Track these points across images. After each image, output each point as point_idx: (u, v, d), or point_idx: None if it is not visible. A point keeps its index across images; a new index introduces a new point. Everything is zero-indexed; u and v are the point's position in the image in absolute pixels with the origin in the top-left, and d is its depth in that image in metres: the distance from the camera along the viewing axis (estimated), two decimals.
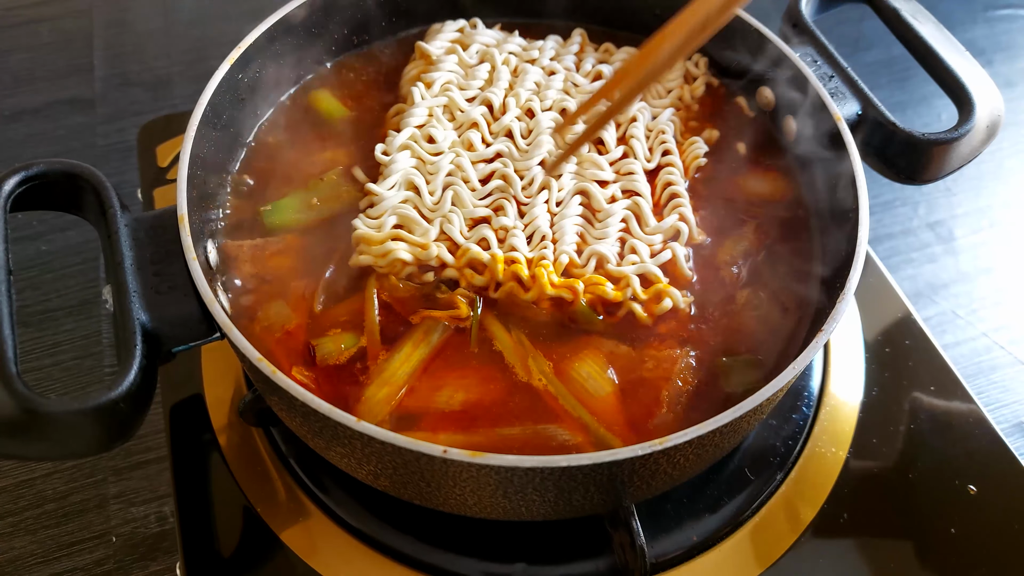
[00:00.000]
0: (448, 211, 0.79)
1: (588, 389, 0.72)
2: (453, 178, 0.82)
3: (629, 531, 0.69)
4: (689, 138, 0.90)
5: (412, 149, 0.84)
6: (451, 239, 0.78)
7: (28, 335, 0.99)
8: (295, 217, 0.82)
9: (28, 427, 0.58)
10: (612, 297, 0.76)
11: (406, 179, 0.81)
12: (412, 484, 0.67)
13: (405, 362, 0.73)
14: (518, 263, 0.76)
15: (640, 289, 0.77)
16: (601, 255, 0.78)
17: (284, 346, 0.74)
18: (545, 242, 0.79)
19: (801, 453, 0.85)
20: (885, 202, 1.19)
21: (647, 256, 0.79)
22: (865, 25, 1.32)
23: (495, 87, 0.89)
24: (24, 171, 0.69)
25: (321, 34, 0.94)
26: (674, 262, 0.79)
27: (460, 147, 0.84)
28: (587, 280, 0.77)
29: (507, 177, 0.82)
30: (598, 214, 0.82)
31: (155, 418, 0.86)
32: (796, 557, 0.78)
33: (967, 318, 1.06)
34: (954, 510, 0.81)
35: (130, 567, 0.83)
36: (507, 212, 0.80)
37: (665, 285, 0.77)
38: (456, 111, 0.88)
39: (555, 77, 0.92)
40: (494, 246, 0.78)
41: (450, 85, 0.90)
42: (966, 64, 0.88)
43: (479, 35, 0.96)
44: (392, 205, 0.79)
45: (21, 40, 1.35)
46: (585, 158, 0.85)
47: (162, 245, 0.70)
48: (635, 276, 0.77)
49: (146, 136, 1.09)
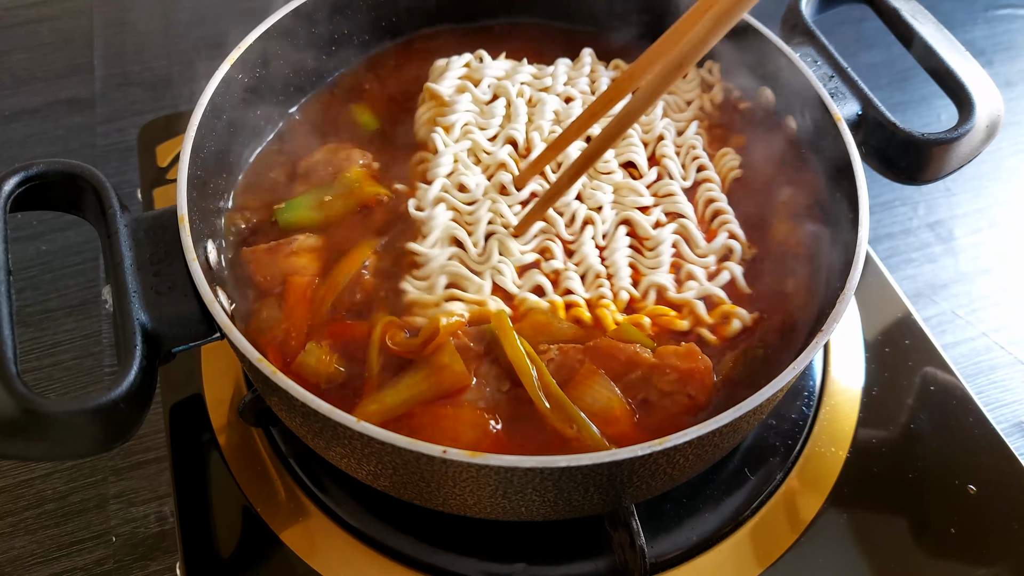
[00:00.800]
0: (497, 262, 0.78)
1: (595, 412, 0.69)
2: (494, 226, 0.81)
3: (629, 531, 0.69)
4: (719, 149, 0.90)
5: (447, 201, 0.82)
6: (504, 290, 0.77)
7: (28, 335, 0.99)
8: (309, 215, 0.82)
9: (28, 427, 0.58)
10: (679, 327, 0.75)
11: (448, 234, 0.80)
12: (412, 484, 0.67)
13: (407, 391, 0.70)
14: (579, 306, 0.75)
15: (706, 314, 0.76)
16: (660, 285, 0.78)
17: (281, 347, 0.74)
18: (600, 279, 0.78)
19: (801, 453, 0.85)
20: (885, 202, 1.19)
21: (704, 279, 0.78)
22: (865, 25, 1.32)
23: (515, 123, 0.88)
24: (24, 171, 0.69)
25: (321, 34, 0.94)
26: (733, 283, 0.79)
27: (493, 191, 0.83)
28: (651, 312, 0.76)
29: (547, 218, 0.81)
30: (646, 242, 0.81)
31: (155, 418, 0.86)
32: (796, 557, 0.78)
33: (967, 318, 1.06)
34: (954, 510, 0.81)
35: (130, 567, 0.83)
36: (555, 254, 0.79)
37: (731, 307, 0.76)
38: (481, 153, 0.86)
39: (573, 104, 0.91)
40: (550, 291, 0.77)
41: (470, 127, 0.88)
42: (966, 64, 0.88)
43: (488, 68, 0.94)
44: (440, 264, 0.78)
45: (21, 40, 1.35)
46: (622, 185, 0.84)
47: (162, 245, 0.70)
48: (698, 301, 0.76)
49: (146, 136, 1.09)
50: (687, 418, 0.70)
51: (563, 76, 0.94)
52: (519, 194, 0.83)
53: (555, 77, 0.94)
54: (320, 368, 0.71)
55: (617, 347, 0.72)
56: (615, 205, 0.83)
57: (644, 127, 0.90)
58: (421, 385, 0.70)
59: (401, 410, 0.69)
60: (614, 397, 0.70)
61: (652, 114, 0.90)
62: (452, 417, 0.69)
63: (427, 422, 0.69)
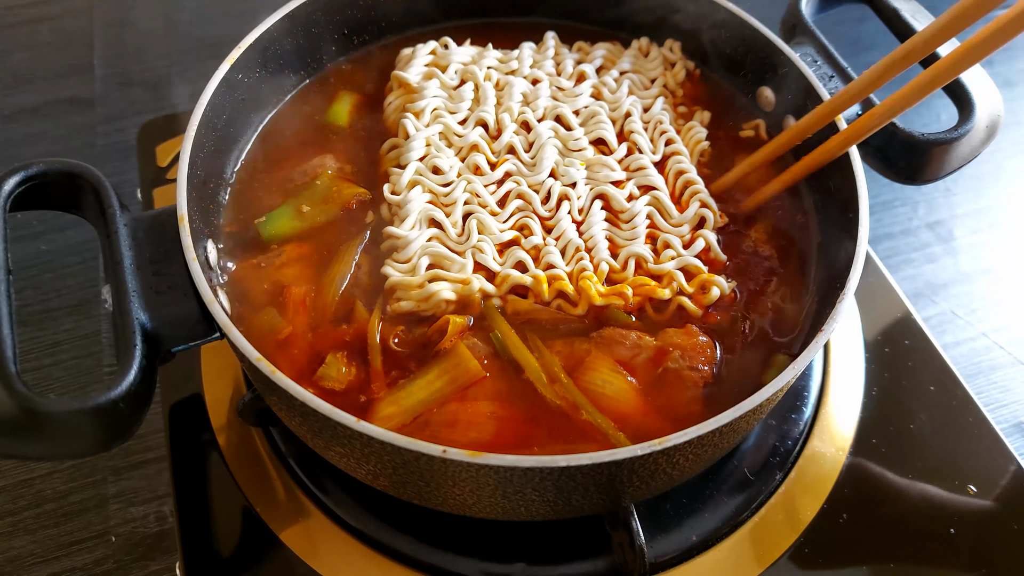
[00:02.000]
0: (477, 241, 0.78)
1: (608, 394, 0.71)
2: (472, 206, 0.81)
3: (628, 531, 0.69)
4: (685, 123, 0.91)
5: (422, 184, 0.82)
6: (486, 268, 0.77)
7: (28, 335, 0.99)
8: (290, 225, 0.81)
9: (27, 427, 0.58)
10: (661, 295, 0.77)
11: (426, 216, 0.80)
12: (411, 484, 0.67)
13: (423, 390, 0.71)
14: (561, 279, 0.76)
15: (686, 283, 0.78)
16: (639, 255, 0.79)
17: (283, 354, 0.74)
18: (580, 253, 0.79)
19: (801, 453, 0.85)
20: (885, 202, 1.19)
21: (680, 247, 0.80)
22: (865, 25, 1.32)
23: (485, 106, 0.89)
24: (24, 171, 0.69)
25: (323, 35, 0.94)
26: (708, 249, 0.80)
27: (468, 172, 0.84)
28: (633, 283, 0.77)
29: (524, 195, 0.82)
30: (621, 215, 0.82)
31: (155, 418, 0.86)
32: (796, 557, 0.78)
33: (967, 318, 1.06)
34: (954, 510, 0.81)
35: (129, 567, 0.83)
36: (534, 230, 0.80)
37: (709, 275, 0.78)
38: (453, 136, 0.87)
39: (540, 85, 0.91)
40: (532, 267, 0.77)
41: (440, 112, 0.88)
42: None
43: (454, 54, 0.94)
44: (421, 245, 0.78)
45: (21, 40, 1.35)
46: (594, 161, 0.85)
47: (161, 245, 0.70)
48: (678, 271, 0.78)
49: (146, 136, 1.09)
50: (695, 392, 0.72)
51: (529, 59, 0.95)
52: (493, 174, 0.84)
53: (521, 60, 0.95)
54: (342, 377, 0.72)
55: (621, 334, 0.74)
56: (589, 181, 0.84)
57: (612, 105, 0.91)
58: (436, 383, 0.71)
59: (419, 410, 0.70)
60: (622, 378, 0.72)
61: (618, 92, 0.92)
62: (470, 412, 0.70)
63: (445, 420, 0.69)
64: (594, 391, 0.71)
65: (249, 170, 0.87)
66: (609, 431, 0.69)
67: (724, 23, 0.92)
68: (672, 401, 0.71)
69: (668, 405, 0.71)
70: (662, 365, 0.73)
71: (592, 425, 0.69)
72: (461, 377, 0.71)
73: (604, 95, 0.92)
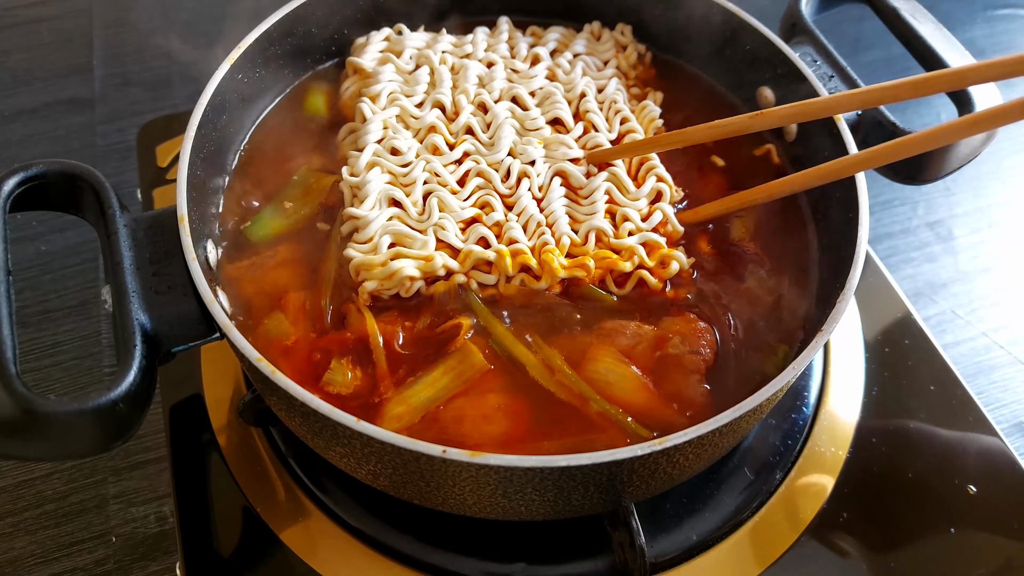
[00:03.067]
0: (439, 218, 0.79)
1: (612, 382, 0.71)
2: (432, 185, 0.81)
3: (629, 530, 0.69)
4: (639, 103, 0.92)
5: (381, 165, 0.82)
6: (449, 245, 0.78)
7: (28, 335, 0.99)
8: (278, 224, 0.82)
9: (27, 427, 0.58)
10: (622, 268, 0.77)
11: (385, 196, 0.80)
12: (411, 484, 0.67)
13: (430, 387, 0.71)
14: (524, 253, 0.77)
15: (646, 256, 0.78)
16: (599, 228, 0.79)
17: (288, 360, 0.73)
18: (541, 228, 0.79)
19: (801, 453, 0.85)
20: (885, 202, 1.19)
21: (639, 220, 0.81)
22: (865, 25, 1.32)
23: (441, 88, 0.89)
24: (23, 171, 0.68)
25: (323, 35, 0.94)
26: (666, 222, 0.81)
27: (426, 153, 0.84)
28: (595, 256, 0.78)
29: (483, 173, 0.83)
30: (580, 191, 0.83)
31: (155, 418, 0.86)
32: (796, 557, 0.78)
33: (967, 318, 1.06)
34: (954, 510, 0.81)
35: (130, 567, 0.83)
36: (495, 207, 0.80)
37: (669, 249, 0.79)
38: (410, 119, 0.87)
39: (495, 68, 0.92)
40: (495, 243, 0.78)
41: (396, 95, 0.88)
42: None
43: (408, 39, 0.95)
44: (382, 224, 0.78)
45: (20, 40, 1.35)
46: (551, 139, 0.85)
47: (161, 245, 0.70)
48: (639, 245, 0.78)
49: (146, 136, 1.09)
50: (699, 375, 0.72)
51: (483, 43, 0.95)
52: (452, 153, 0.84)
53: (475, 44, 0.95)
54: (347, 382, 0.72)
55: (621, 324, 0.75)
56: (547, 159, 0.85)
57: (566, 86, 0.91)
58: (442, 380, 0.71)
59: (428, 408, 0.70)
60: (625, 366, 0.72)
61: (572, 74, 0.92)
62: (478, 406, 0.70)
63: (453, 415, 0.70)
64: (599, 380, 0.72)
65: (249, 169, 0.87)
66: (619, 419, 0.69)
67: (724, 23, 0.92)
68: (676, 385, 0.72)
69: (673, 390, 0.72)
70: (663, 351, 0.73)
71: (602, 415, 0.70)
72: (467, 372, 0.72)
73: (559, 76, 0.93)
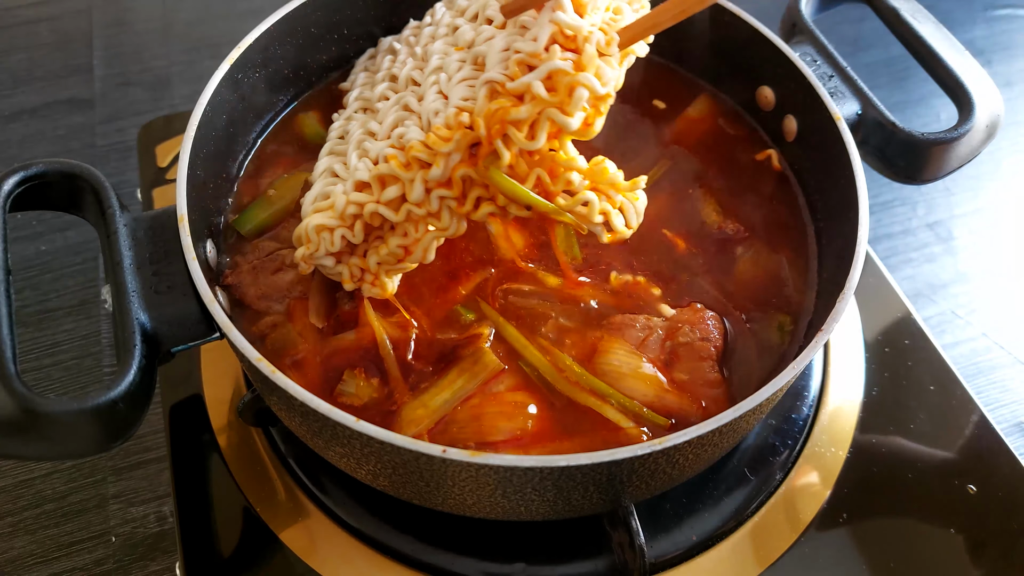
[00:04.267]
0: (356, 160, 0.71)
1: (627, 374, 0.72)
2: (362, 135, 0.75)
3: (628, 531, 0.69)
4: None
5: (332, 153, 0.79)
6: (365, 183, 0.69)
7: (27, 335, 0.99)
8: (267, 211, 0.82)
9: (27, 427, 0.58)
10: (518, 116, 0.63)
11: (327, 168, 0.76)
12: (411, 484, 0.67)
13: (446, 388, 0.71)
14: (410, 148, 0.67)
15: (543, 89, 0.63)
16: (492, 80, 0.65)
17: (296, 377, 0.72)
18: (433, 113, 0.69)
19: (801, 453, 0.85)
20: (884, 202, 1.19)
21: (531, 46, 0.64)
22: (865, 25, 1.32)
23: (395, 66, 0.82)
24: (23, 171, 0.69)
25: (323, 34, 0.94)
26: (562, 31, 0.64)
27: (363, 115, 0.80)
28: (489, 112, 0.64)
29: (402, 100, 0.74)
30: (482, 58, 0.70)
31: (154, 418, 0.86)
32: (796, 557, 0.78)
33: (967, 318, 1.06)
34: (954, 510, 0.81)
35: (129, 567, 0.83)
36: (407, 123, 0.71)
37: (574, 74, 0.62)
38: (372, 104, 0.80)
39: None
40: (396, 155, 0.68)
41: (361, 96, 0.83)
42: (966, 64, 0.88)
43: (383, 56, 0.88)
44: (312, 195, 0.73)
45: (20, 40, 1.35)
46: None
47: (161, 245, 0.70)
48: (536, 81, 0.63)
49: (146, 136, 1.09)
50: (712, 362, 0.73)
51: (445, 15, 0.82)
52: (386, 103, 0.77)
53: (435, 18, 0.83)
54: (360, 392, 0.72)
55: (631, 318, 0.75)
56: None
57: None
58: (457, 381, 0.71)
59: (445, 410, 0.70)
60: (638, 358, 0.72)
61: None
62: (496, 403, 0.71)
63: (471, 414, 0.70)
64: (612, 372, 0.72)
65: (249, 169, 0.87)
66: (636, 409, 0.70)
67: (724, 23, 0.92)
68: (690, 372, 0.73)
69: (686, 378, 0.72)
70: (673, 341, 0.74)
71: (620, 407, 0.70)
72: (481, 372, 0.72)
73: None
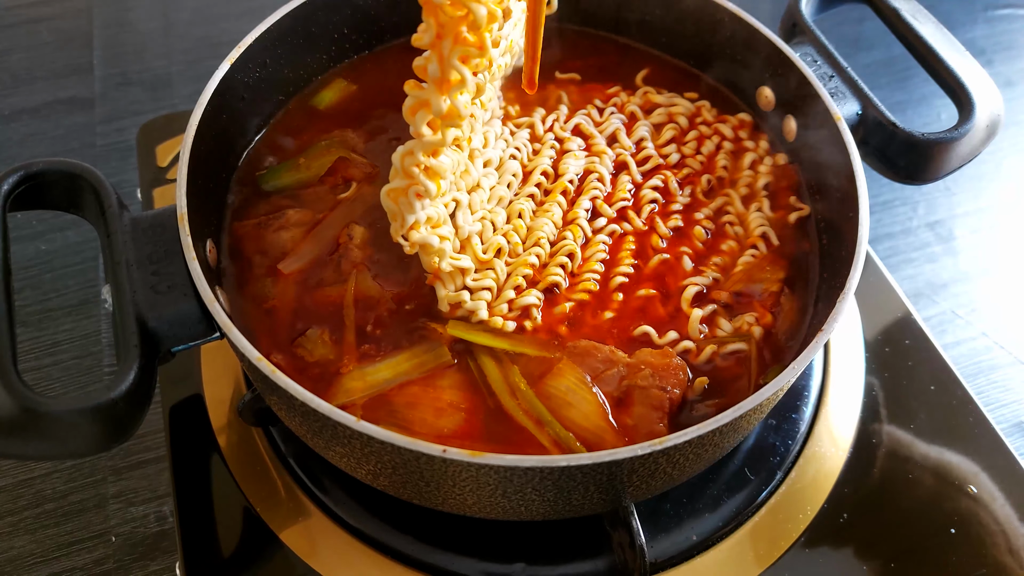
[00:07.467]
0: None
1: (571, 403, 0.70)
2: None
3: (629, 531, 0.69)
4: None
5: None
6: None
7: (28, 335, 0.99)
8: (291, 176, 0.85)
9: (27, 427, 0.58)
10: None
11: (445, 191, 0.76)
12: (411, 484, 0.67)
13: (390, 368, 0.72)
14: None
15: None
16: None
17: (264, 324, 0.75)
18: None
19: (801, 453, 0.85)
20: (885, 202, 1.19)
21: None
22: (865, 25, 1.32)
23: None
24: (23, 171, 0.69)
25: (323, 34, 0.94)
26: None
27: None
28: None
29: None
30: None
31: (154, 418, 0.86)
32: (796, 557, 0.78)
33: (967, 318, 1.06)
34: (954, 510, 0.81)
35: (129, 567, 0.83)
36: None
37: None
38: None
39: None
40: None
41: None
42: (966, 64, 0.88)
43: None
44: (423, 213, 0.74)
45: (20, 40, 1.35)
46: None
47: (161, 244, 0.70)
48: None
49: (146, 136, 1.09)
50: (661, 414, 0.70)
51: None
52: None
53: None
54: (314, 349, 0.73)
55: (595, 346, 0.74)
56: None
57: None
58: (403, 365, 0.72)
59: (383, 388, 0.71)
60: (587, 389, 0.71)
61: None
62: (431, 397, 0.71)
63: (407, 400, 0.71)
64: (557, 398, 0.70)
65: (249, 169, 0.87)
66: (570, 444, 0.68)
67: (723, 22, 0.92)
68: (635, 418, 0.70)
69: (631, 423, 0.70)
70: (631, 380, 0.71)
71: (555, 440, 0.69)
72: (429, 362, 0.73)
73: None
